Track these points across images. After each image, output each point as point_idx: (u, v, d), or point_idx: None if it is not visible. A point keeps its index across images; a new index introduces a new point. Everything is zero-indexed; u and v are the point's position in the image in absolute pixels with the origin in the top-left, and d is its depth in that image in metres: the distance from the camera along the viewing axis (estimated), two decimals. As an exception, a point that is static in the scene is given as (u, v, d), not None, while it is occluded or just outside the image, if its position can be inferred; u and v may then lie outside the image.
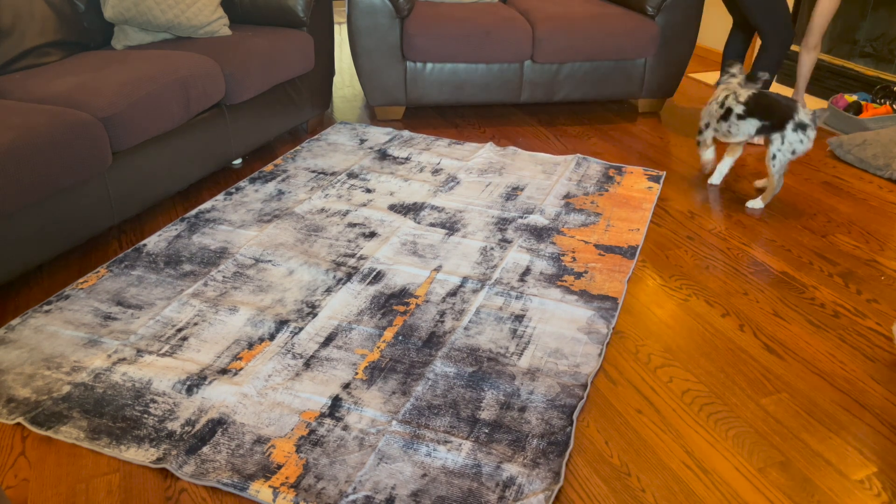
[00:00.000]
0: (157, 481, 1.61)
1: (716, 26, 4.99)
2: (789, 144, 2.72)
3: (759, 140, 3.31)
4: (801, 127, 2.69)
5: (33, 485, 1.60)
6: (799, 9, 4.42)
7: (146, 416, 1.76)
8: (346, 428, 1.74)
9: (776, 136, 2.73)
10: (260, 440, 1.70)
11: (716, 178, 3.11)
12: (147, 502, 1.56)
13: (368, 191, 2.94)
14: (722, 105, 2.84)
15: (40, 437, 1.71)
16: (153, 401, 1.81)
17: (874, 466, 1.70)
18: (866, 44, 4.20)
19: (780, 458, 1.72)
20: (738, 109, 2.77)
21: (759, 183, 3.08)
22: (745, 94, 2.79)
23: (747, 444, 1.75)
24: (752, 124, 2.77)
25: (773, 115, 2.72)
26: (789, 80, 4.51)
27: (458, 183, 3.03)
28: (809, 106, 4.21)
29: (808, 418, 1.84)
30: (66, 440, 1.70)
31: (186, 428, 1.73)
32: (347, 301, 2.22)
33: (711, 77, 4.69)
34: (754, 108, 2.75)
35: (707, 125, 2.98)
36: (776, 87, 4.50)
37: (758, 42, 3.64)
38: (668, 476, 1.66)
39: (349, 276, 2.34)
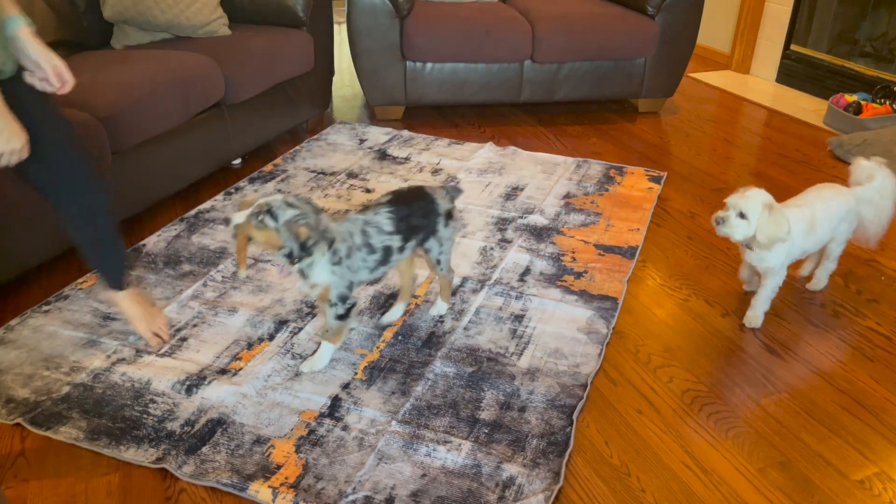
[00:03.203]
0: (156, 481, 1.61)
1: (716, 26, 4.99)
2: (447, 241, 2.05)
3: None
4: (449, 216, 2.03)
5: (32, 485, 1.60)
6: (799, 9, 4.42)
7: (145, 416, 1.76)
8: (345, 428, 1.74)
9: (432, 243, 2.02)
10: (259, 440, 1.70)
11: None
12: (146, 502, 1.56)
13: (368, 191, 2.94)
14: (373, 249, 1.89)
15: (40, 438, 1.71)
16: (152, 401, 1.80)
17: (874, 466, 1.70)
18: (866, 44, 4.19)
19: (780, 458, 1.71)
20: (396, 243, 1.93)
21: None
22: (385, 221, 1.90)
23: (747, 444, 1.75)
24: (410, 248, 1.99)
25: (425, 220, 1.98)
26: (789, 79, 4.51)
27: (457, 183, 3.03)
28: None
29: (808, 418, 1.84)
30: (65, 440, 1.69)
31: (186, 428, 1.72)
32: (347, 301, 2.22)
33: (712, 77, 4.69)
34: (406, 228, 1.93)
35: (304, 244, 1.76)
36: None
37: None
38: (668, 476, 1.66)
39: (349, 276, 2.34)
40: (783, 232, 1.97)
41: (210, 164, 2.90)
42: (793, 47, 4.50)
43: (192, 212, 2.73)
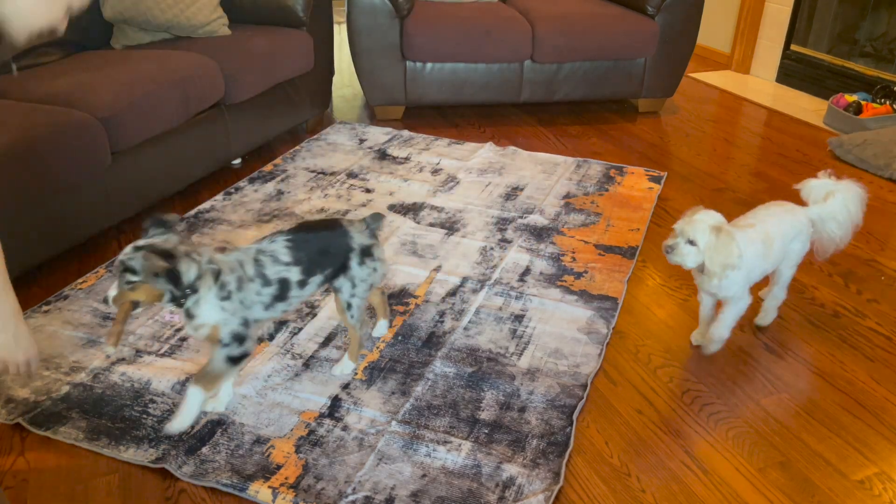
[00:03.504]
0: (156, 482, 1.61)
1: (716, 26, 4.99)
2: (362, 283, 1.83)
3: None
4: (367, 254, 1.82)
5: (32, 485, 1.59)
6: (799, 9, 4.42)
7: (145, 416, 1.76)
8: (345, 428, 1.74)
9: (343, 282, 1.81)
10: (259, 440, 1.70)
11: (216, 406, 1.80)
12: (146, 502, 1.56)
13: (368, 191, 2.94)
14: (267, 283, 1.69)
15: (39, 438, 1.71)
16: (152, 401, 1.80)
17: (874, 466, 1.70)
18: (866, 44, 4.19)
19: (780, 458, 1.71)
20: (295, 276, 1.72)
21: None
22: (282, 250, 1.71)
23: (747, 444, 1.75)
24: (315, 283, 1.77)
25: (330, 256, 1.78)
26: (789, 79, 4.51)
27: (457, 183, 3.03)
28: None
29: (808, 418, 1.84)
30: (65, 440, 1.69)
31: (186, 428, 1.72)
32: (347, 301, 2.21)
33: (712, 77, 4.69)
34: (307, 260, 1.73)
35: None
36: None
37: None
38: (668, 476, 1.66)
39: (349, 276, 2.33)
40: (733, 258, 1.82)
41: (210, 164, 2.90)
42: (793, 47, 4.50)
43: (192, 212, 2.73)
